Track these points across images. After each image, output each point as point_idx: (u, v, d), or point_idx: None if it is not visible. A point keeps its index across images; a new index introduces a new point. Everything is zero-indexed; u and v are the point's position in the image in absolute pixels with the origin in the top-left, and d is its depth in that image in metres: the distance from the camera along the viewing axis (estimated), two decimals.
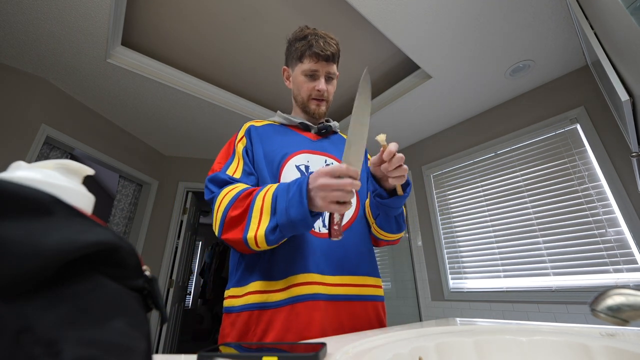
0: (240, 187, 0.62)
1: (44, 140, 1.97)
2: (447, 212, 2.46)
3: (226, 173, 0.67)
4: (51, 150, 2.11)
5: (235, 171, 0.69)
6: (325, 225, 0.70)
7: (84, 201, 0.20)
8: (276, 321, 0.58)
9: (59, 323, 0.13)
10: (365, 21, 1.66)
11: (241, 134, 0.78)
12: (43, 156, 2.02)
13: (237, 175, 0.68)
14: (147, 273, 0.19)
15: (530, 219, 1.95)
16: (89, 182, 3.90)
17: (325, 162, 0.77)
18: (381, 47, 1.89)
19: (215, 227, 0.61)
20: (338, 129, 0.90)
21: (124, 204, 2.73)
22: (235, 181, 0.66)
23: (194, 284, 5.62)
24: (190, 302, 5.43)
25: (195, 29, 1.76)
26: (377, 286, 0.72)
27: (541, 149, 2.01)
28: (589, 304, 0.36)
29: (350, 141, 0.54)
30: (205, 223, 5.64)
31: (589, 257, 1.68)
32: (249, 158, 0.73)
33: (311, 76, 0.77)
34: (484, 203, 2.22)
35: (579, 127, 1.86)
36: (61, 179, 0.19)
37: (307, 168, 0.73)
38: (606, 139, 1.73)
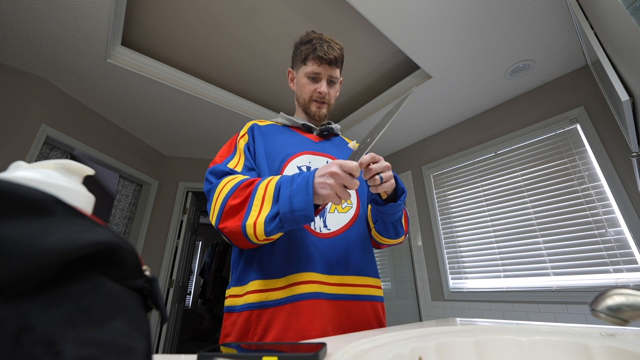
0: (240, 177, 0.62)
1: (44, 140, 1.97)
2: (447, 212, 2.46)
3: (227, 166, 0.68)
4: (51, 150, 2.11)
5: (236, 165, 0.69)
6: (326, 226, 0.70)
7: (84, 201, 0.20)
8: (277, 320, 0.58)
9: (59, 323, 0.13)
10: (365, 21, 1.66)
11: (244, 131, 0.78)
12: (43, 156, 2.02)
13: (238, 169, 0.68)
14: (147, 273, 0.19)
15: (531, 219, 1.95)
16: (89, 182, 3.90)
17: (327, 163, 0.78)
18: (381, 47, 1.89)
19: (212, 216, 0.60)
20: (339, 131, 0.90)
21: (124, 204, 2.73)
22: (236, 173, 0.66)
23: (194, 284, 5.63)
24: (190, 302, 5.43)
25: (195, 29, 1.76)
26: (376, 287, 0.72)
27: (541, 149, 2.01)
28: (589, 304, 0.36)
29: (368, 142, 0.56)
30: (205, 223, 5.64)
31: (589, 257, 1.68)
32: (250, 154, 0.73)
33: (313, 79, 0.79)
34: (484, 203, 2.22)
35: (579, 127, 1.86)
36: (61, 179, 0.19)
37: (308, 169, 0.74)
38: (606, 139, 1.73)
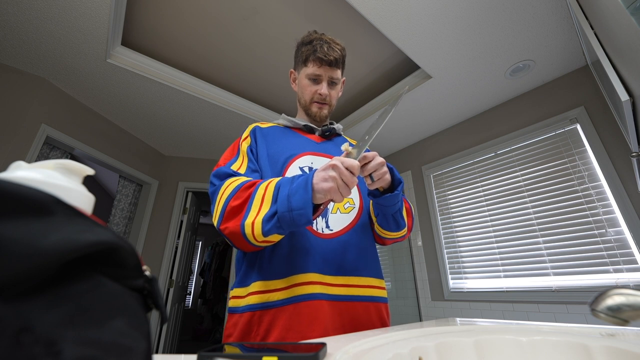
0: (243, 179, 0.63)
1: (44, 140, 1.97)
2: (447, 212, 2.46)
3: (230, 168, 0.68)
4: (51, 150, 2.11)
5: (239, 167, 0.70)
6: (328, 226, 0.69)
7: (84, 201, 0.20)
8: (278, 321, 0.58)
9: (59, 323, 0.13)
10: (365, 21, 1.66)
11: (246, 133, 0.79)
12: (43, 156, 2.02)
13: (242, 170, 0.69)
14: (147, 273, 0.19)
15: (530, 219, 1.95)
16: (89, 182, 3.90)
17: None
18: (381, 47, 1.89)
19: (215, 218, 0.61)
20: (342, 131, 0.90)
21: (124, 204, 2.73)
22: (239, 175, 0.66)
23: (194, 284, 5.63)
24: (190, 302, 5.43)
25: (195, 29, 1.76)
26: (380, 287, 0.71)
27: (541, 149, 2.01)
28: (589, 304, 0.36)
29: (366, 140, 0.57)
30: (205, 223, 5.64)
31: (589, 257, 1.68)
32: (253, 156, 0.74)
33: (314, 80, 0.78)
34: (484, 203, 2.22)
35: (579, 127, 1.86)
36: (61, 179, 0.19)
37: (310, 169, 0.73)
38: (606, 139, 1.73)
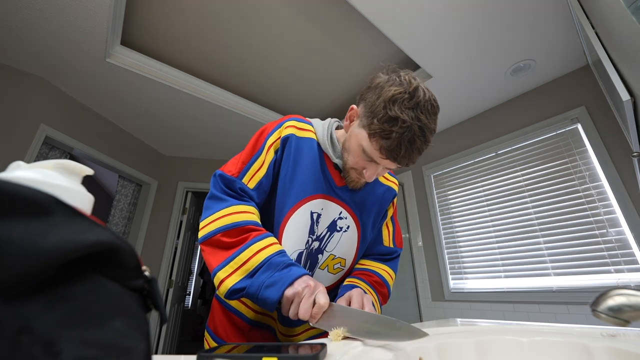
0: (246, 217, 0.58)
1: (43, 140, 1.97)
2: (447, 212, 2.46)
3: (242, 181, 0.62)
4: (50, 150, 2.11)
5: (252, 178, 0.63)
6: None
7: (83, 201, 0.19)
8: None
9: (58, 323, 0.13)
10: (365, 20, 1.65)
11: (276, 137, 0.66)
12: (42, 156, 2.02)
13: (252, 184, 0.63)
14: (147, 273, 0.19)
15: (531, 219, 1.95)
16: (88, 182, 3.90)
17: (340, 214, 0.69)
18: (381, 46, 1.89)
19: (202, 231, 0.58)
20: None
21: (123, 204, 2.73)
22: (245, 195, 0.62)
23: (193, 284, 5.62)
24: (190, 303, 5.43)
25: (195, 28, 1.75)
26: None
27: (542, 148, 2.00)
28: (590, 304, 0.36)
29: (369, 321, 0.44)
30: None
31: (590, 257, 1.68)
32: (273, 171, 0.65)
33: (369, 159, 0.61)
34: (484, 203, 2.22)
35: (579, 126, 1.86)
36: (60, 179, 0.19)
37: (319, 217, 0.66)
38: (607, 138, 1.72)
